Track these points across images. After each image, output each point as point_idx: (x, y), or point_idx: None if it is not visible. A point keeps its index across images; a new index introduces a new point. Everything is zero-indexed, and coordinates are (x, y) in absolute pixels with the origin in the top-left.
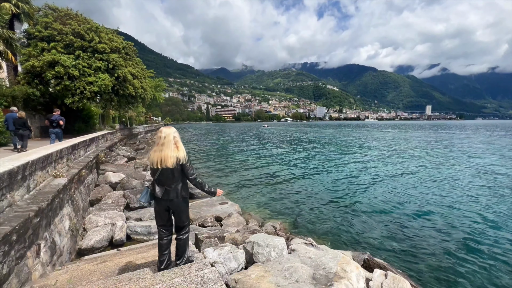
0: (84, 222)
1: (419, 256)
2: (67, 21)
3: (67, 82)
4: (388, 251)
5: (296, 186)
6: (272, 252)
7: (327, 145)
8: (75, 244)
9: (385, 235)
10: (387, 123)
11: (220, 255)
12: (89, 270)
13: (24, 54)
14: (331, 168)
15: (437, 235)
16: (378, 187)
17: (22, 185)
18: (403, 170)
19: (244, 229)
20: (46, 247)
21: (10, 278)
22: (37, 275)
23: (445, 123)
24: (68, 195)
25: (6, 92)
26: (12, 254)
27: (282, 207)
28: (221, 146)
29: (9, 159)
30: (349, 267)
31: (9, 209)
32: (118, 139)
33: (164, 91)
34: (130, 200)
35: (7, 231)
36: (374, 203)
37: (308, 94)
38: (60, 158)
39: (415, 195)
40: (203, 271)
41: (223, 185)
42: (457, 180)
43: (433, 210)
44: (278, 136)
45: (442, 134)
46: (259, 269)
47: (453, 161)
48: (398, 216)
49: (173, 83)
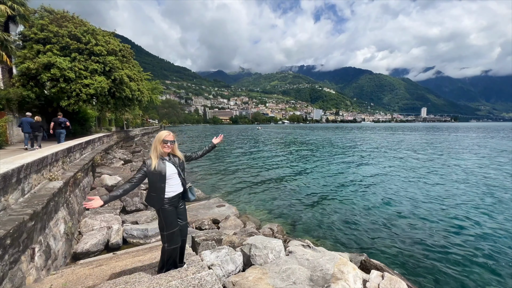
0: (80, 226)
1: (416, 258)
2: (63, 23)
3: (63, 84)
4: (385, 253)
5: (293, 188)
6: (270, 254)
7: (323, 148)
8: (70, 248)
9: (382, 237)
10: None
11: (217, 257)
12: (85, 274)
13: (19, 56)
14: (328, 170)
15: (434, 237)
16: (374, 189)
17: (16, 188)
18: (400, 172)
19: (242, 232)
20: (40, 251)
21: (4, 282)
22: (31, 280)
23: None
24: (63, 198)
25: (1, 94)
26: (6, 258)
27: (279, 209)
28: (217, 147)
29: (3, 162)
30: (346, 268)
31: (3, 213)
32: (114, 142)
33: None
34: (126, 203)
35: (1, 235)
36: (371, 205)
37: (305, 96)
38: (56, 161)
39: (412, 197)
40: (200, 273)
41: (220, 187)
42: (454, 182)
43: (430, 212)
44: (274, 139)
45: (437, 135)
46: (256, 271)
47: (450, 163)
48: (395, 218)
49: (170, 85)
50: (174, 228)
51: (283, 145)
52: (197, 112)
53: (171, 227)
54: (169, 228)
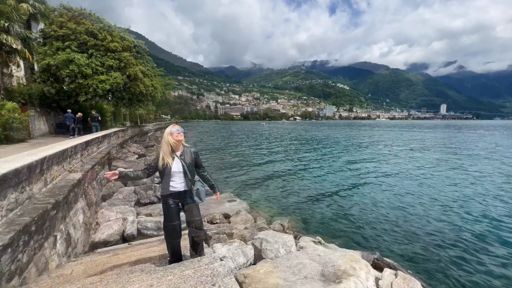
0: (97, 216)
1: (432, 259)
2: (81, 21)
3: (81, 80)
4: (399, 253)
5: (304, 185)
6: (281, 248)
7: (336, 144)
8: (89, 237)
9: (396, 237)
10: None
11: (229, 250)
12: (102, 262)
13: (40, 53)
14: (341, 167)
15: (451, 237)
16: (389, 187)
17: (40, 179)
18: (417, 171)
19: (252, 227)
20: (62, 238)
21: (29, 267)
22: (54, 265)
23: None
24: (82, 189)
25: (24, 90)
26: (31, 244)
27: (290, 205)
28: (227, 142)
29: (27, 154)
30: (358, 265)
31: (28, 201)
32: (129, 136)
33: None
34: (141, 196)
35: (27, 222)
36: (385, 204)
37: (317, 92)
38: (75, 154)
39: (429, 196)
40: (213, 264)
41: (230, 182)
42: (474, 182)
43: (447, 212)
44: (285, 135)
45: (459, 134)
46: (267, 264)
47: (471, 162)
48: (410, 217)
49: (182, 81)
50: (170, 222)
51: (294, 141)
52: (209, 108)
53: (168, 220)
54: (166, 220)
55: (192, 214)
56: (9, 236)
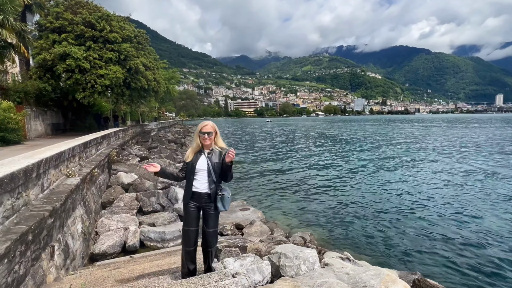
0: (96, 225)
1: (482, 281)
2: (78, 10)
3: (78, 75)
4: (442, 274)
5: (328, 193)
6: (302, 265)
7: (366, 146)
8: (88, 248)
9: (439, 255)
10: (445, 117)
11: (242, 265)
12: (103, 276)
13: (36, 47)
14: (372, 174)
15: (503, 256)
16: (431, 198)
17: (36, 184)
18: (466, 180)
19: (269, 239)
20: (59, 249)
21: (27, 279)
22: (52, 278)
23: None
24: (80, 195)
25: (19, 87)
26: (28, 254)
27: (312, 216)
28: (240, 142)
29: (23, 157)
30: (396, 287)
31: (25, 208)
32: (130, 137)
33: (178, 83)
34: (143, 203)
35: (24, 231)
36: (426, 216)
37: (343, 83)
38: (73, 157)
39: (480, 209)
40: (223, 281)
41: (243, 188)
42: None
43: (501, 228)
44: (306, 134)
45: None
46: (287, 283)
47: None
48: (456, 233)
49: (187, 74)
50: (186, 226)
51: (315, 142)
52: (218, 103)
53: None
54: (184, 224)
55: (208, 224)
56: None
